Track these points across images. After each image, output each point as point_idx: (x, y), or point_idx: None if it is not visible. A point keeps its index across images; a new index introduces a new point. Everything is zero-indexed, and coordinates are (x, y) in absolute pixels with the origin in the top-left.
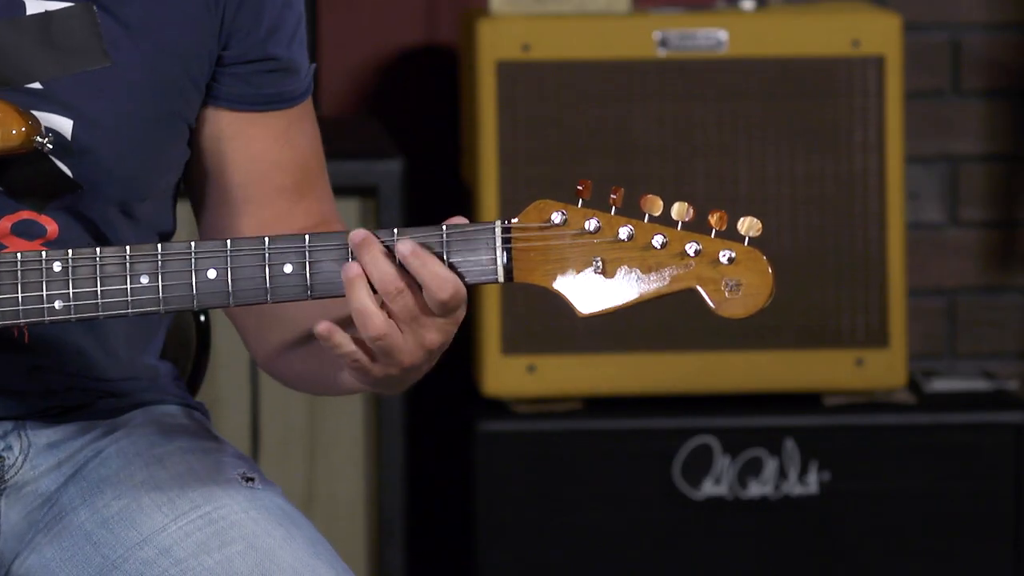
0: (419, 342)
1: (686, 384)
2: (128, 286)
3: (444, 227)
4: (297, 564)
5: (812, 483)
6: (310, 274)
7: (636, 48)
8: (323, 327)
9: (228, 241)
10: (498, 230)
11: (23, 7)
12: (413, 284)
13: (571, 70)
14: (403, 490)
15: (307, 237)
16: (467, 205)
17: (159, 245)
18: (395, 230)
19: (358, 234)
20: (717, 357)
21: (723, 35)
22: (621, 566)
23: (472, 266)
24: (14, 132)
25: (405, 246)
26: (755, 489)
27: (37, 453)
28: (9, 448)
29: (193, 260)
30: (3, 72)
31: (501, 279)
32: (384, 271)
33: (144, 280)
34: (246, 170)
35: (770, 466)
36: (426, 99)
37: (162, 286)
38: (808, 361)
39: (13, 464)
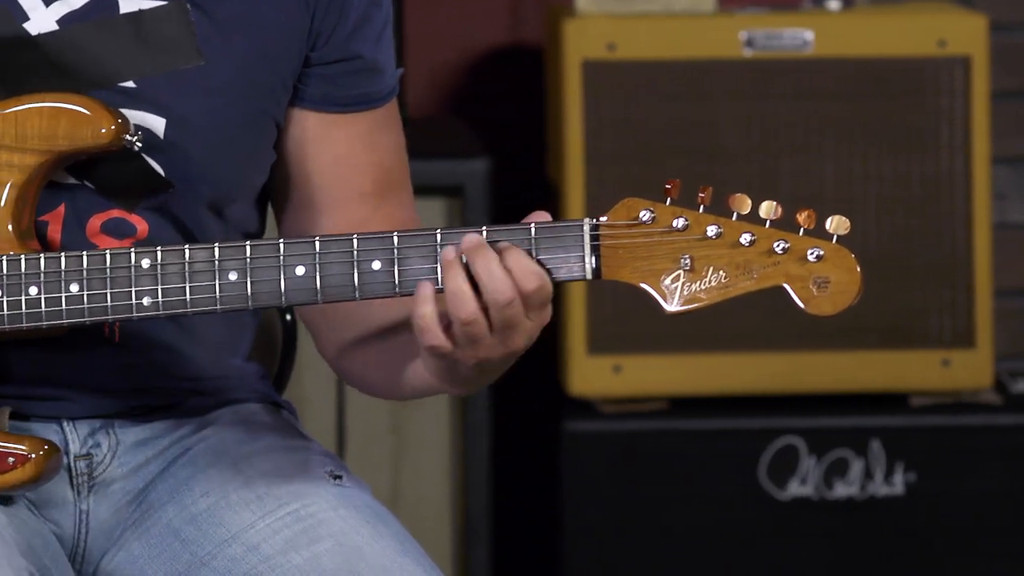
0: (505, 344)
1: (772, 384)
2: (217, 282)
3: (532, 225)
4: (385, 561)
5: (898, 484)
6: (398, 271)
7: (722, 48)
8: (425, 288)
9: (317, 239)
10: (587, 228)
11: (116, 6)
12: (518, 294)
13: (656, 70)
14: (489, 490)
15: (395, 235)
16: (552, 204)
17: (248, 242)
18: (483, 228)
19: (472, 239)
20: (803, 357)
21: (809, 35)
22: (706, 566)
23: (560, 263)
24: (103, 131)
25: (501, 244)
26: (841, 490)
27: (125, 451)
28: (98, 446)
29: (282, 257)
30: (96, 71)
31: (589, 276)
32: (499, 278)
33: (233, 277)
34: (328, 173)
35: (856, 467)
36: (512, 98)
37: (250, 283)
38: (894, 362)
39: (101, 461)
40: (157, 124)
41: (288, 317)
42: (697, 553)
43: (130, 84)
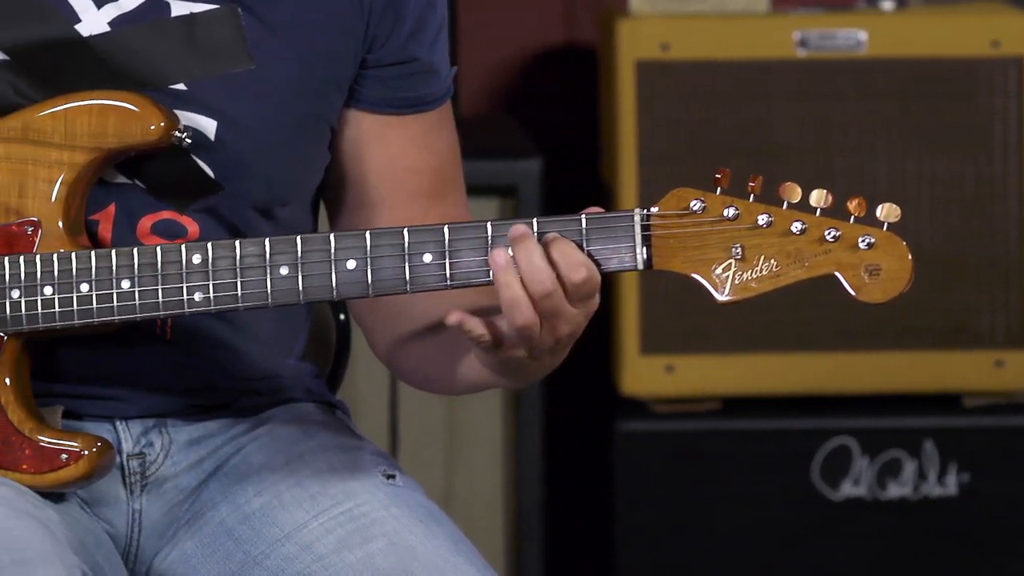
0: (552, 333)
1: (825, 384)
2: (268, 277)
3: (583, 216)
4: (439, 560)
5: (951, 484)
6: (449, 264)
7: (775, 48)
8: (454, 317)
9: (367, 232)
10: (638, 218)
11: (168, 8)
12: (559, 282)
13: (710, 70)
14: (541, 489)
15: (446, 227)
16: (606, 204)
17: (298, 236)
18: (534, 220)
19: (517, 229)
20: (857, 358)
21: (863, 35)
22: (759, 566)
23: (611, 254)
24: (152, 127)
25: (549, 236)
26: (894, 490)
27: (178, 450)
28: (151, 444)
29: (332, 251)
30: (147, 73)
31: (640, 267)
32: (539, 268)
33: (284, 271)
34: (382, 174)
35: (909, 467)
36: (565, 98)
37: (301, 277)
38: (948, 362)
39: (154, 460)
40: (208, 126)
41: (342, 316)
42: (749, 553)
43: (181, 86)
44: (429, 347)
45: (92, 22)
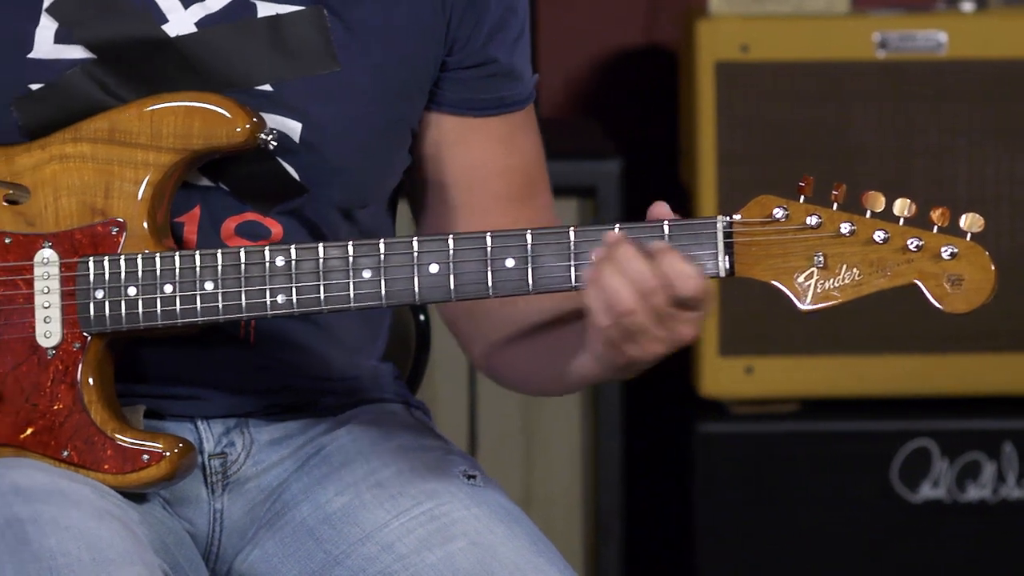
0: (672, 336)
1: (904, 386)
2: (351, 281)
3: (666, 223)
4: (519, 561)
5: None
6: (532, 269)
7: (855, 49)
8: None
9: (450, 236)
10: (720, 225)
11: (254, 9)
12: (661, 283)
13: (790, 71)
14: (620, 490)
15: (529, 233)
16: (685, 206)
17: (381, 240)
18: (616, 226)
19: (612, 235)
20: (936, 360)
21: (943, 37)
22: (837, 568)
23: (694, 261)
24: (238, 129)
25: (657, 243)
26: (973, 492)
27: (260, 449)
28: (232, 444)
29: (415, 255)
30: (233, 74)
31: (723, 274)
32: (638, 269)
33: (367, 275)
34: (465, 176)
35: (988, 470)
36: (645, 100)
37: (384, 281)
38: None
39: (236, 460)
40: (293, 128)
41: (422, 317)
42: (828, 555)
43: (267, 88)
44: (534, 348)
45: (179, 22)
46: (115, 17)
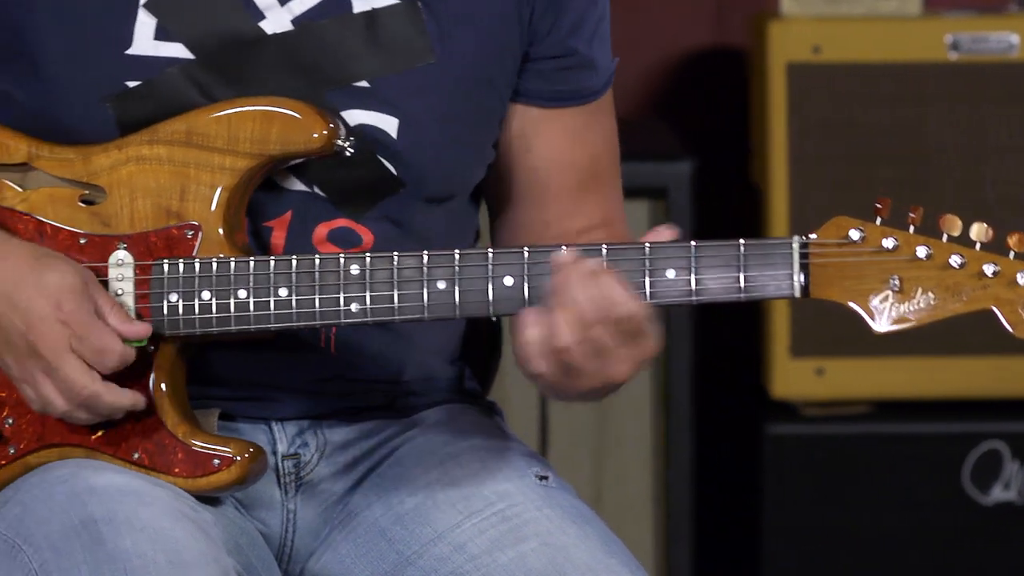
0: (603, 373)
1: (976, 388)
2: (425, 291)
3: (741, 242)
4: (591, 561)
5: None
6: None
7: (927, 51)
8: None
9: (526, 249)
10: (796, 245)
11: (350, 4)
12: (608, 317)
13: (861, 72)
14: (691, 491)
15: (604, 247)
16: (756, 207)
17: (456, 251)
18: (692, 243)
19: (562, 256)
20: (1008, 362)
21: (1015, 39)
22: (907, 570)
23: (769, 280)
24: (315, 135)
25: (593, 262)
26: None
27: (333, 451)
28: (305, 445)
29: (490, 267)
30: (331, 70)
31: (798, 294)
32: (585, 297)
33: (441, 285)
34: (535, 167)
35: None
36: (715, 101)
37: (459, 292)
38: None
39: (309, 461)
40: (390, 124)
41: (493, 319)
42: (897, 557)
43: (364, 84)
44: None
45: (276, 19)
46: (213, 13)
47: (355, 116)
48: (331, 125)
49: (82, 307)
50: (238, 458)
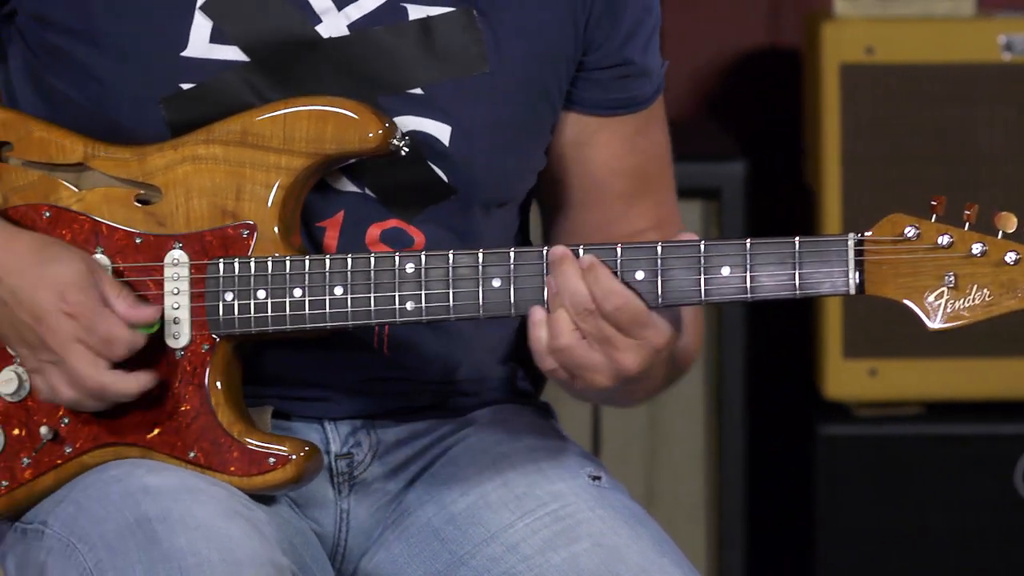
0: (613, 363)
1: None
2: (480, 289)
3: (797, 240)
4: (644, 562)
5: None
6: (661, 282)
7: (980, 52)
8: (537, 313)
9: (581, 247)
10: (851, 243)
11: (405, 11)
12: (602, 308)
13: (914, 73)
14: (744, 492)
15: (659, 245)
16: (810, 208)
17: (511, 250)
18: (747, 241)
19: (556, 251)
20: None
21: None
22: (959, 571)
23: (824, 278)
24: (370, 135)
25: (584, 259)
26: None
27: (385, 450)
28: (358, 445)
29: (545, 265)
30: (386, 76)
31: (853, 291)
32: (575, 290)
33: (496, 283)
34: (589, 173)
35: None
36: (769, 101)
37: (514, 290)
38: None
39: (362, 461)
40: (442, 132)
41: None
42: (950, 558)
43: (418, 91)
44: None
45: (332, 24)
46: (269, 17)
47: (407, 122)
48: (386, 124)
49: (88, 297)
50: (293, 457)
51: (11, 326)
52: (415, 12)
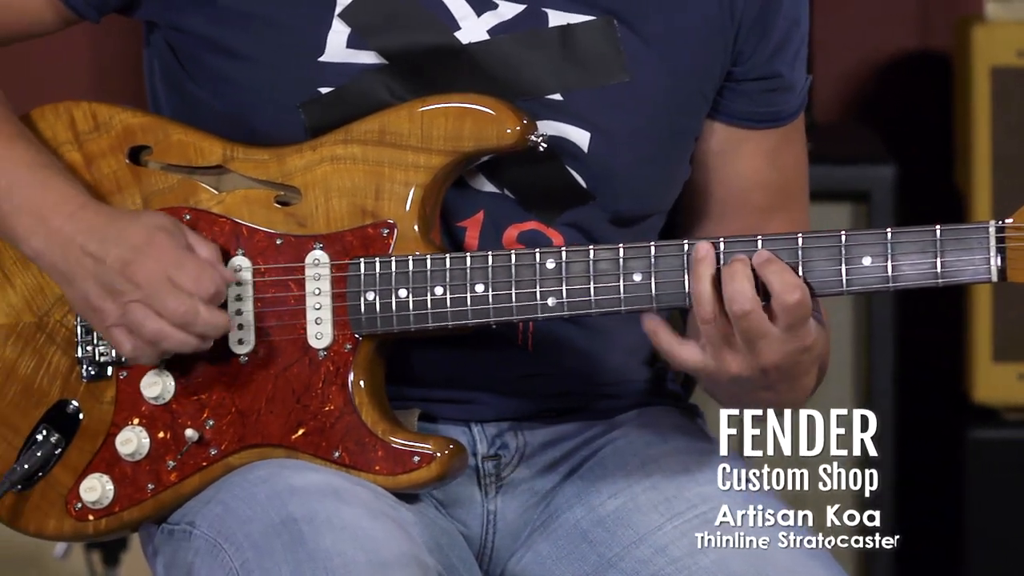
0: (755, 357)
1: None
2: (621, 283)
3: (938, 228)
4: (793, 564)
5: None
6: (803, 273)
7: None
8: (649, 324)
9: (722, 239)
10: (992, 229)
11: (546, 18)
12: (759, 305)
13: None
14: (893, 496)
15: (800, 236)
16: (960, 211)
17: (652, 243)
18: (888, 230)
19: (701, 248)
20: None
21: None
22: None
23: (965, 265)
24: (508, 131)
25: (760, 255)
26: None
27: (533, 452)
28: (505, 447)
29: (686, 258)
30: (524, 82)
31: (994, 278)
32: (738, 289)
33: (637, 278)
34: (727, 186)
35: None
36: (919, 104)
37: (655, 284)
38: None
39: (509, 462)
40: (581, 138)
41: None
42: None
43: (557, 97)
44: None
45: (471, 30)
46: (409, 23)
47: (546, 127)
48: (524, 120)
49: (175, 241)
50: (438, 454)
51: (95, 280)
52: (555, 19)
